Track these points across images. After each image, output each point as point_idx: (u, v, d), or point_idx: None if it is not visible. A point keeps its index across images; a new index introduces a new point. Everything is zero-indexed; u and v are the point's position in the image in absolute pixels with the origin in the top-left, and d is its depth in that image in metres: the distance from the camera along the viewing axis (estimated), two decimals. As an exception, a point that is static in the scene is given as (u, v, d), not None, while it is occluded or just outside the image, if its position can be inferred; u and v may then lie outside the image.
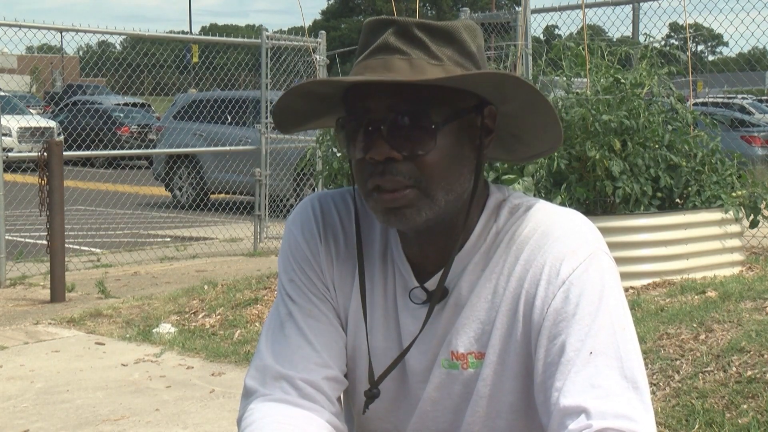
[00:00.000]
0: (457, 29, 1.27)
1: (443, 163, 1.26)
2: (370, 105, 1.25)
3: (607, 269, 1.28)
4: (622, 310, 1.26)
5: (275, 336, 1.37)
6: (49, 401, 4.34)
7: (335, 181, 6.95)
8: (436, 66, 1.24)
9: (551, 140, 1.37)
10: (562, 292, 1.25)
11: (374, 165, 1.26)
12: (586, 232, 1.31)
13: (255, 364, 1.37)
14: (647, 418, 1.18)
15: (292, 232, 1.43)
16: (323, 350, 1.36)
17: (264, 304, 5.91)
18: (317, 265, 1.40)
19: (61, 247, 6.69)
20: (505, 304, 1.30)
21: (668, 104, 5.91)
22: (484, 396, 1.32)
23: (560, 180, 5.49)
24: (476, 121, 1.30)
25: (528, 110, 1.32)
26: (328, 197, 1.45)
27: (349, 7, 68.35)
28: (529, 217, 1.33)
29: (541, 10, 8.73)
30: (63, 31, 9.13)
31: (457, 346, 1.33)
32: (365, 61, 1.26)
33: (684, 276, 5.34)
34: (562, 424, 1.18)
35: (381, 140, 1.24)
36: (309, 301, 1.39)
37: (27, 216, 10.56)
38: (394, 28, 1.26)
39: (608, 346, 1.21)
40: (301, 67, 9.95)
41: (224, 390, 4.47)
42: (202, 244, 9.70)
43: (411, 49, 1.24)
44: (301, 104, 1.33)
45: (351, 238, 1.41)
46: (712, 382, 3.71)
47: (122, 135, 19.97)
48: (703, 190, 5.65)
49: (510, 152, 1.43)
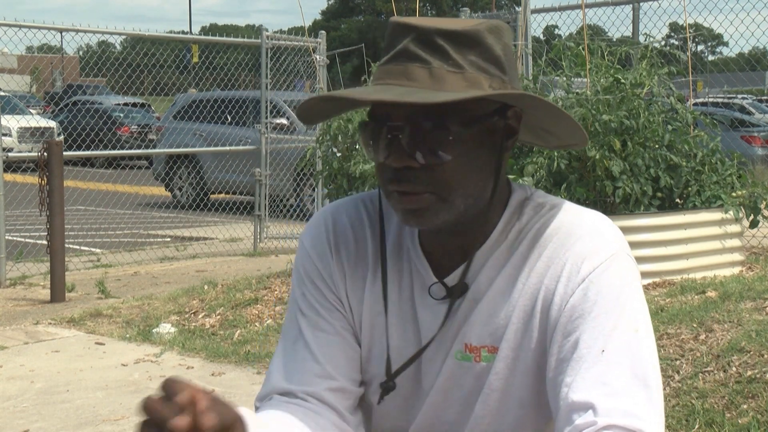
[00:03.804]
0: (481, 33, 1.27)
1: (461, 171, 1.27)
2: (391, 112, 1.26)
3: (628, 270, 1.29)
4: (640, 311, 1.27)
5: (284, 352, 1.40)
6: (49, 401, 4.34)
7: (335, 181, 6.95)
8: (456, 74, 1.24)
9: (578, 138, 1.39)
10: (581, 289, 1.26)
11: (394, 170, 1.27)
12: (610, 233, 1.32)
13: (264, 383, 1.40)
14: (655, 417, 1.18)
15: (304, 245, 1.45)
16: (327, 362, 1.37)
17: (264, 304, 5.91)
18: (328, 277, 1.42)
19: (61, 247, 6.69)
20: (523, 300, 1.31)
21: (668, 104, 5.91)
22: (495, 390, 1.33)
23: (560, 180, 5.49)
24: (498, 124, 1.30)
25: (550, 117, 1.34)
26: (341, 208, 1.46)
27: (349, 7, 68.34)
28: (553, 216, 1.34)
29: (541, 10, 8.73)
30: (63, 31, 9.13)
31: (471, 339, 1.34)
32: (387, 65, 1.27)
33: (684, 276, 5.34)
34: (569, 419, 1.19)
35: (400, 147, 1.25)
36: (317, 313, 1.40)
37: (27, 216, 10.55)
38: (414, 34, 1.25)
39: (622, 345, 1.22)
40: (301, 67, 9.95)
41: (224, 390, 4.47)
42: (202, 244, 9.70)
43: (431, 56, 1.24)
44: (324, 105, 1.35)
45: (363, 244, 1.42)
46: (712, 382, 3.71)
47: (122, 135, 19.97)
48: (703, 190, 5.65)
49: (540, 139, 1.44)
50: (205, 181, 13.43)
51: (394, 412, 1.42)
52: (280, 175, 10.33)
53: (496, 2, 13.19)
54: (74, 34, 9.09)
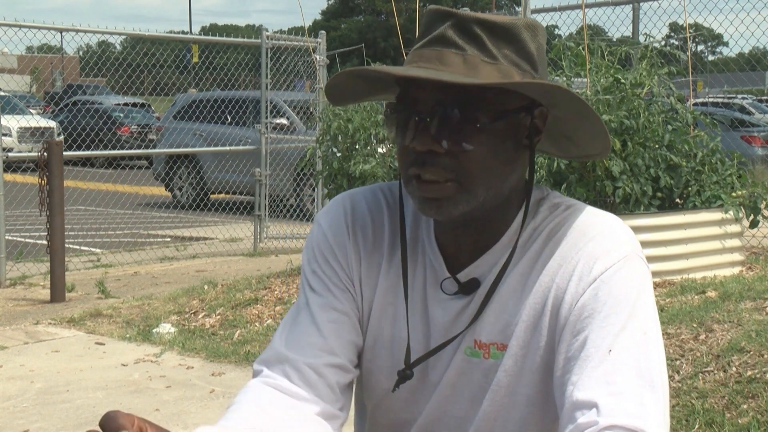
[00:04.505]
0: (518, 27, 1.28)
1: (485, 162, 1.27)
2: (420, 96, 1.27)
3: (639, 272, 1.29)
4: (650, 314, 1.27)
5: (289, 323, 1.40)
6: (49, 401, 4.34)
7: (335, 181, 6.95)
8: (490, 65, 1.25)
9: (600, 147, 1.39)
10: (592, 289, 1.27)
11: (417, 154, 1.27)
12: (623, 234, 1.33)
13: (266, 349, 1.40)
14: (659, 418, 1.18)
15: (320, 224, 1.45)
16: (331, 338, 1.37)
17: (264, 304, 5.91)
18: (343, 258, 1.42)
19: (61, 247, 6.69)
20: (534, 298, 1.32)
21: (668, 104, 5.91)
22: (503, 386, 1.34)
23: (560, 180, 5.49)
24: (525, 121, 1.31)
25: (576, 117, 1.34)
26: (359, 194, 1.47)
27: (349, 7, 68.34)
28: (567, 216, 1.34)
29: (541, 10, 8.73)
30: (63, 31, 9.13)
31: (481, 336, 1.34)
32: (420, 50, 1.27)
33: (684, 276, 5.35)
34: (572, 418, 1.19)
35: (426, 132, 1.25)
36: (328, 290, 1.40)
37: (27, 216, 10.56)
38: (453, 20, 1.26)
39: (629, 346, 1.22)
40: (301, 67, 9.96)
41: (224, 390, 4.47)
42: (202, 244, 9.71)
43: (467, 44, 1.25)
44: (354, 84, 1.35)
45: (380, 231, 1.43)
46: (712, 382, 3.71)
47: (122, 135, 19.96)
48: (703, 190, 5.65)
49: (560, 149, 1.44)
50: (205, 181, 13.43)
51: (399, 404, 1.43)
52: (280, 175, 10.33)
53: (496, 2, 13.20)
54: (74, 34, 9.10)
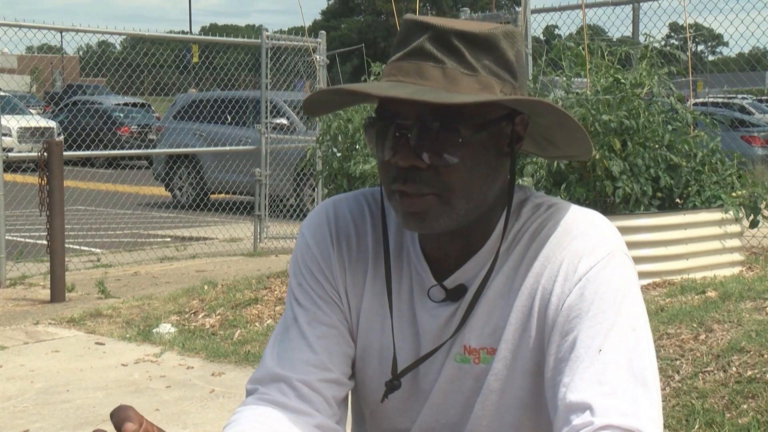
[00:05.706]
0: (496, 37, 1.26)
1: (467, 174, 1.26)
2: (400, 110, 1.25)
3: (624, 269, 1.29)
4: (637, 310, 1.26)
5: (279, 340, 1.39)
6: (49, 401, 4.34)
7: (335, 181, 6.95)
8: (469, 76, 1.23)
9: (581, 149, 1.38)
10: (578, 288, 1.26)
11: (399, 169, 1.26)
12: (606, 231, 1.32)
13: (257, 368, 1.39)
14: (652, 416, 1.18)
15: (305, 236, 1.44)
16: (323, 353, 1.36)
17: (264, 304, 5.91)
18: (328, 270, 1.41)
19: (61, 247, 6.69)
20: (521, 300, 1.31)
21: (668, 104, 5.91)
22: (494, 390, 1.33)
23: (560, 180, 5.49)
24: (506, 129, 1.30)
25: (557, 124, 1.33)
26: (343, 201, 1.45)
27: (349, 7, 68.30)
28: (550, 216, 1.34)
29: (541, 10, 8.73)
30: (63, 31, 9.13)
31: (470, 341, 1.34)
32: (399, 62, 1.26)
33: (684, 276, 5.34)
34: (567, 420, 1.18)
35: (407, 147, 1.24)
36: (315, 304, 1.39)
37: (27, 216, 10.56)
38: (431, 33, 1.25)
39: (619, 344, 1.21)
40: (301, 67, 9.96)
41: (224, 390, 4.47)
42: (202, 244, 9.71)
43: (446, 57, 1.24)
44: (332, 97, 1.34)
45: (364, 240, 1.42)
46: (712, 382, 3.71)
47: (122, 135, 19.96)
48: (703, 190, 5.65)
49: (541, 150, 1.44)
50: (205, 181, 13.43)
51: (392, 413, 1.42)
52: (280, 175, 10.33)
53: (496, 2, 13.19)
54: (74, 34, 9.10)
